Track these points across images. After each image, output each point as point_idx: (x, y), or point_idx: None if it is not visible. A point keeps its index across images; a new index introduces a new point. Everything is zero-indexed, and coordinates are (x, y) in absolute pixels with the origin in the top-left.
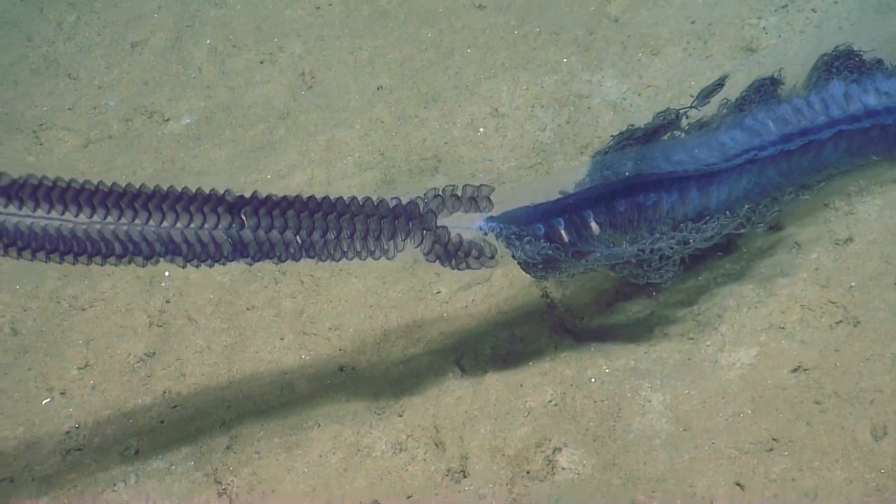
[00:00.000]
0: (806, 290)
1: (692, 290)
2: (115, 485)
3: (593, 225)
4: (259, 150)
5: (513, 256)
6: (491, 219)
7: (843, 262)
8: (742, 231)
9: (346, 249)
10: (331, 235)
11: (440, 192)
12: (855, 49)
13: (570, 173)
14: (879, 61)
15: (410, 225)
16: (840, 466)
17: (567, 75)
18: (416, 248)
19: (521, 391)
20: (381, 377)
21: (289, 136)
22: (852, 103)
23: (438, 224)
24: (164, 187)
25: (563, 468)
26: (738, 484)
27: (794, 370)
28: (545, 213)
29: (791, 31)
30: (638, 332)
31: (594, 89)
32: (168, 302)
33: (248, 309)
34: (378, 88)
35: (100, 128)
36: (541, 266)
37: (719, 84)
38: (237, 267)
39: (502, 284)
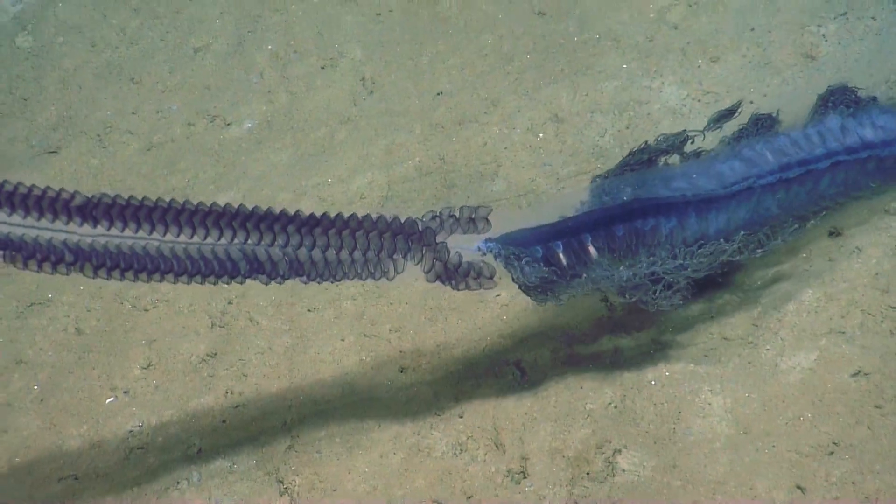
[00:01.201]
0: (866, 294)
1: (752, 294)
2: (178, 483)
3: (591, 249)
4: (320, 155)
5: (513, 279)
6: (489, 240)
7: None
8: (739, 258)
9: (346, 270)
10: (331, 253)
11: (438, 213)
12: (850, 86)
13: (570, 196)
14: (874, 98)
15: (410, 242)
16: None
17: (627, 81)
18: (417, 265)
19: (581, 393)
20: (441, 379)
21: (349, 141)
22: (849, 136)
23: (438, 241)
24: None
25: (624, 470)
26: (798, 487)
27: (855, 374)
28: (544, 236)
29: (851, 39)
30: (698, 335)
31: (654, 95)
32: (230, 303)
33: (308, 311)
34: (438, 93)
35: (162, 131)
36: (539, 289)
37: (732, 111)
38: None
39: None
